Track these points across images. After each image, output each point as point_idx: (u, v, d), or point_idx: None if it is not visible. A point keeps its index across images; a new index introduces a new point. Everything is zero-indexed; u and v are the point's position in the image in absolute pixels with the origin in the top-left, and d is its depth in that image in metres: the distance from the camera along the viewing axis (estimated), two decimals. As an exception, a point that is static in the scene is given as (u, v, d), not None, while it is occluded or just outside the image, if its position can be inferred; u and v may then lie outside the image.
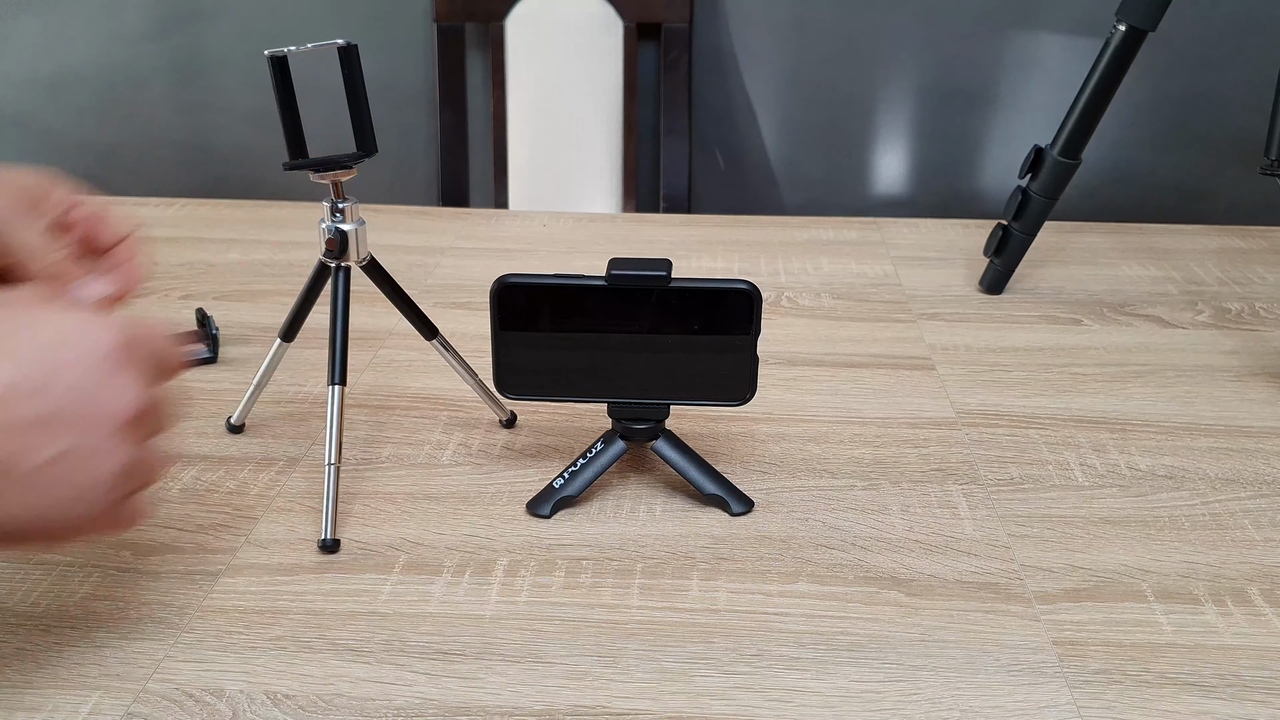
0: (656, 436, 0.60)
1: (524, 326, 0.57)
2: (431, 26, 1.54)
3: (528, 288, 0.56)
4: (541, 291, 0.56)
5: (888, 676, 0.49)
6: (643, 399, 0.59)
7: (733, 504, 0.60)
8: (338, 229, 0.58)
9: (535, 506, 0.60)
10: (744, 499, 0.61)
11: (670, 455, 0.60)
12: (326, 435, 0.58)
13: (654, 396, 0.59)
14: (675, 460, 0.60)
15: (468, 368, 0.66)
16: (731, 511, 0.60)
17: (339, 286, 0.59)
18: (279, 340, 0.64)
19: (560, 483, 0.60)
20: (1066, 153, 0.87)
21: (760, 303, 0.56)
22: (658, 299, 0.56)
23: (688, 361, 0.57)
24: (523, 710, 0.47)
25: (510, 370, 0.59)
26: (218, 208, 1.11)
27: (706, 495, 0.60)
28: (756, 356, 0.57)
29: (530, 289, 0.56)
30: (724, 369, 0.58)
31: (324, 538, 0.57)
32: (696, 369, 0.58)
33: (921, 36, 1.63)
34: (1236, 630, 0.52)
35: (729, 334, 0.57)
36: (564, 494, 0.60)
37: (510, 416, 0.69)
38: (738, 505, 0.60)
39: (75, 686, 0.48)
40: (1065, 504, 0.61)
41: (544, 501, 0.60)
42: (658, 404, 0.59)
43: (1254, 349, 0.81)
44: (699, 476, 0.60)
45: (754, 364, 0.57)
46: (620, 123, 1.56)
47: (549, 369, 0.58)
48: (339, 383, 0.58)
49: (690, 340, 0.57)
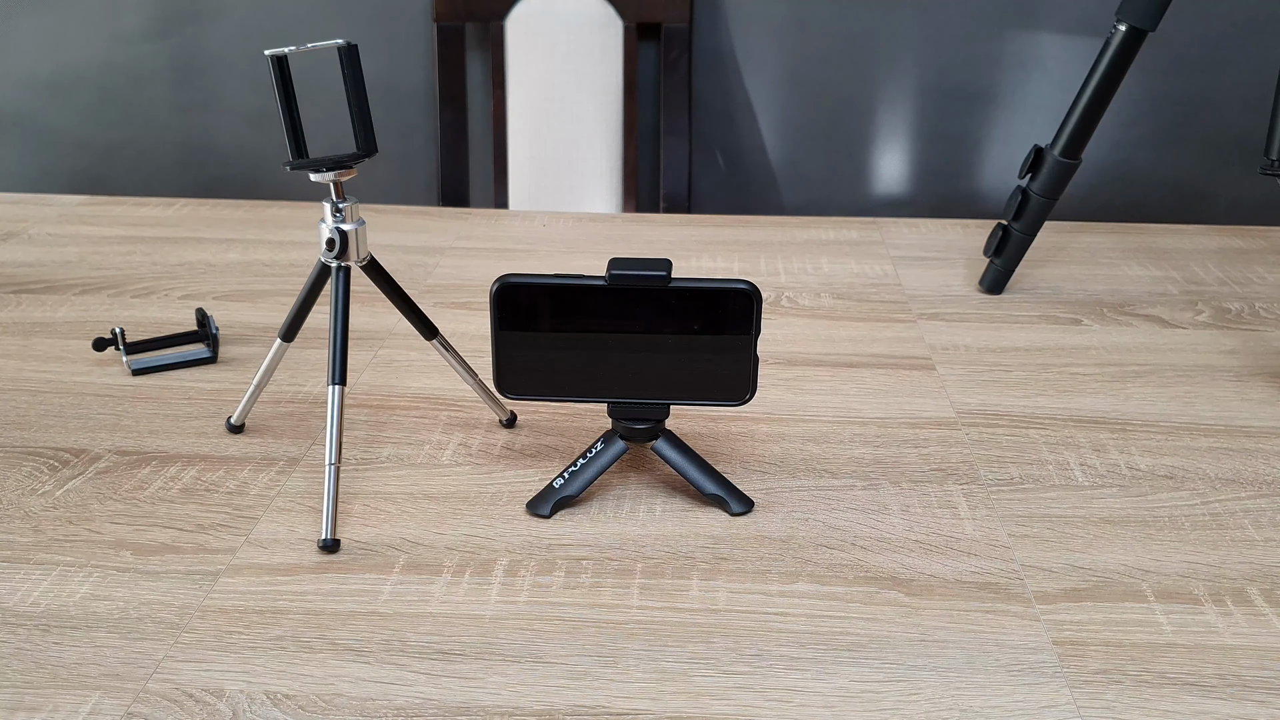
0: (656, 436, 0.60)
1: (524, 326, 0.57)
2: (431, 26, 1.54)
3: (528, 288, 0.56)
4: (541, 291, 0.56)
5: (888, 676, 0.49)
6: (642, 399, 0.59)
7: (732, 504, 0.60)
8: (338, 229, 0.58)
9: (535, 506, 0.60)
10: (744, 499, 0.61)
11: (670, 455, 0.60)
12: (327, 435, 0.58)
13: (654, 396, 0.58)
14: (675, 460, 0.60)
15: (468, 368, 0.66)
16: (731, 511, 0.60)
17: (339, 286, 0.59)
18: (279, 340, 0.64)
19: (560, 482, 0.60)
20: (1066, 153, 0.87)
21: (760, 303, 0.56)
22: (657, 299, 0.56)
23: (688, 361, 0.57)
24: (523, 710, 0.47)
25: (510, 370, 0.59)
26: (218, 208, 1.11)
27: (706, 495, 0.60)
28: (757, 357, 0.57)
29: (530, 289, 0.56)
30: (724, 369, 0.58)
31: (324, 538, 0.57)
32: (696, 369, 0.57)
33: (921, 36, 1.64)
34: (1236, 630, 0.52)
35: (729, 334, 0.57)
36: (564, 494, 0.60)
37: (510, 416, 0.69)
38: (737, 505, 0.60)
39: (75, 686, 0.48)
40: (1065, 504, 0.61)
41: (544, 501, 0.60)
42: (657, 404, 0.59)
43: (1254, 349, 0.81)
44: (699, 476, 0.60)
45: (754, 364, 0.57)
46: (620, 123, 1.56)
47: (549, 369, 0.58)
48: (339, 383, 0.58)
49: (690, 340, 0.57)
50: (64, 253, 0.99)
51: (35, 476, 0.63)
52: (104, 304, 0.88)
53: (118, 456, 0.65)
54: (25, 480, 0.63)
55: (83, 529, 0.58)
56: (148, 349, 0.77)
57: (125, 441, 0.67)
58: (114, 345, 0.75)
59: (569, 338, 0.57)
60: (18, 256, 0.98)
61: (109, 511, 0.60)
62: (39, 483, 0.63)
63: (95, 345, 0.75)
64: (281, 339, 0.63)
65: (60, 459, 0.65)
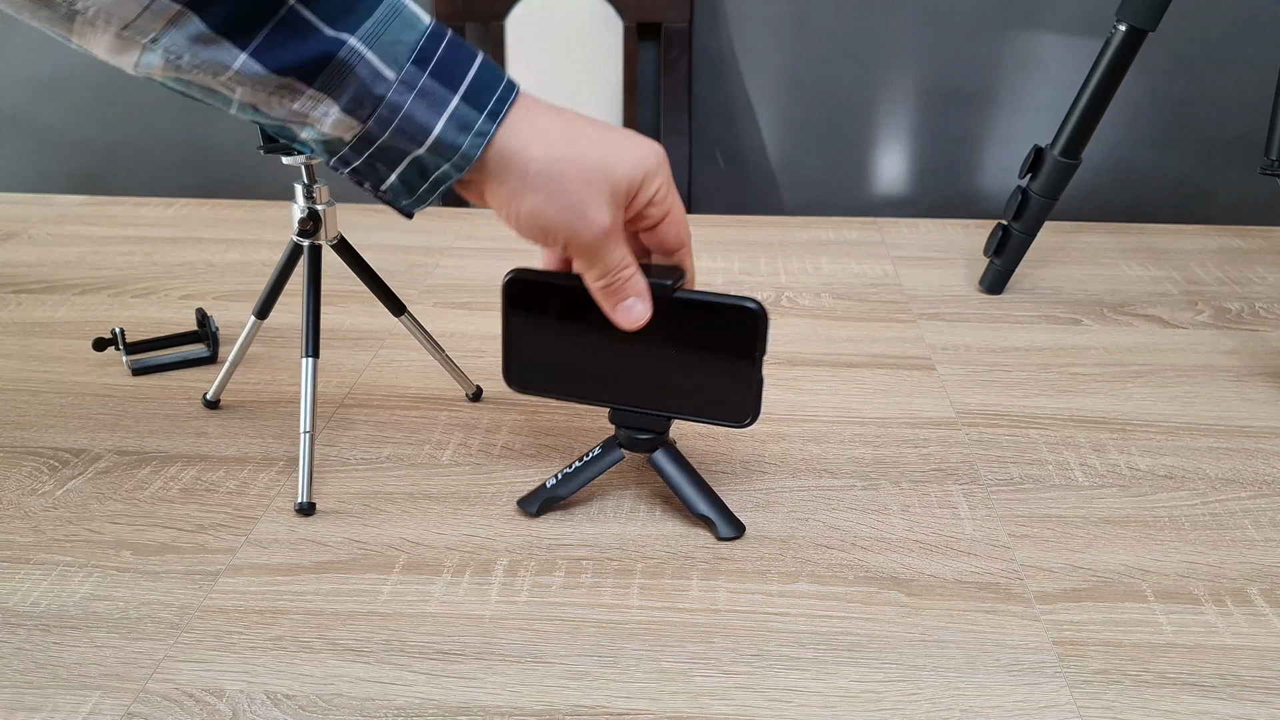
0: (657, 448, 0.59)
1: (534, 321, 0.57)
2: (431, 26, 1.54)
3: (537, 285, 0.56)
4: (550, 289, 0.56)
5: (888, 676, 0.49)
6: (645, 409, 0.58)
7: (721, 527, 0.58)
8: (310, 209, 0.61)
9: (525, 504, 0.60)
10: (735, 523, 0.58)
11: (666, 469, 0.59)
12: (301, 405, 0.60)
13: (655, 408, 0.57)
14: (671, 475, 0.59)
15: (434, 343, 0.69)
16: (719, 535, 0.58)
17: (311, 264, 0.62)
18: (253, 318, 0.67)
19: (553, 482, 0.60)
20: (1066, 153, 0.87)
21: (766, 323, 0.53)
22: (662, 307, 0.54)
23: (689, 376, 0.56)
24: (523, 710, 0.47)
25: (520, 363, 0.58)
26: (218, 208, 1.11)
27: (696, 515, 0.58)
28: (762, 379, 0.55)
29: (539, 286, 0.56)
30: (726, 388, 0.56)
31: (300, 501, 0.59)
32: (698, 384, 0.56)
33: (921, 36, 1.64)
34: (1236, 630, 0.52)
35: (732, 353, 0.54)
36: (554, 494, 0.59)
37: (476, 390, 0.71)
38: (726, 529, 0.58)
39: (75, 686, 0.48)
40: (1065, 504, 0.61)
41: (533, 499, 0.60)
42: (658, 416, 0.58)
43: (1254, 349, 0.81)
44: (691, 495, 0.58)
45: (758, 386, 0.55)
46: (620, 123, 1.56)
47: (557, 367, 0.58)
48: (312, 355, 0.61)
49: (694, 355, 0.55)
50: (64, 253, 0.99)
51: (35, 476, 0.63)
52: (104, 304, 0.88)
53: (118, 456, 0.65)
54: (25, 480, 0.63)
55: (83, 529, 0.58)
56: (148, 349, 0.77)
57: (125, 441, 0.67)
58: (114, 345, 0.75)
59: (574, 338, 0.57)
60: (18, 256, 0.98)
61: (109, 511, 0.60)
62: (39, 483, 0.63)
63: (95, 345, 0.75)
64: (255, 316, 0.67)
65: (60, 459, 0.65)
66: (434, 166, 0.48)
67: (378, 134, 0.46)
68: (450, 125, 0.47)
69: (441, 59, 0.47)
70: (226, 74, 0.44)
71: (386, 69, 0.45)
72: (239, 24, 0.43)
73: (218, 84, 0.45)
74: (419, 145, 0.47)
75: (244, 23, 0.44)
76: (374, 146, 0.47)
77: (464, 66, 0.47)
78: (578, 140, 0.49)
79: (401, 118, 0.46)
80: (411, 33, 0.46)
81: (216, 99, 0.46)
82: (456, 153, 0.47)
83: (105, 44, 0.44)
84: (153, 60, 0.44)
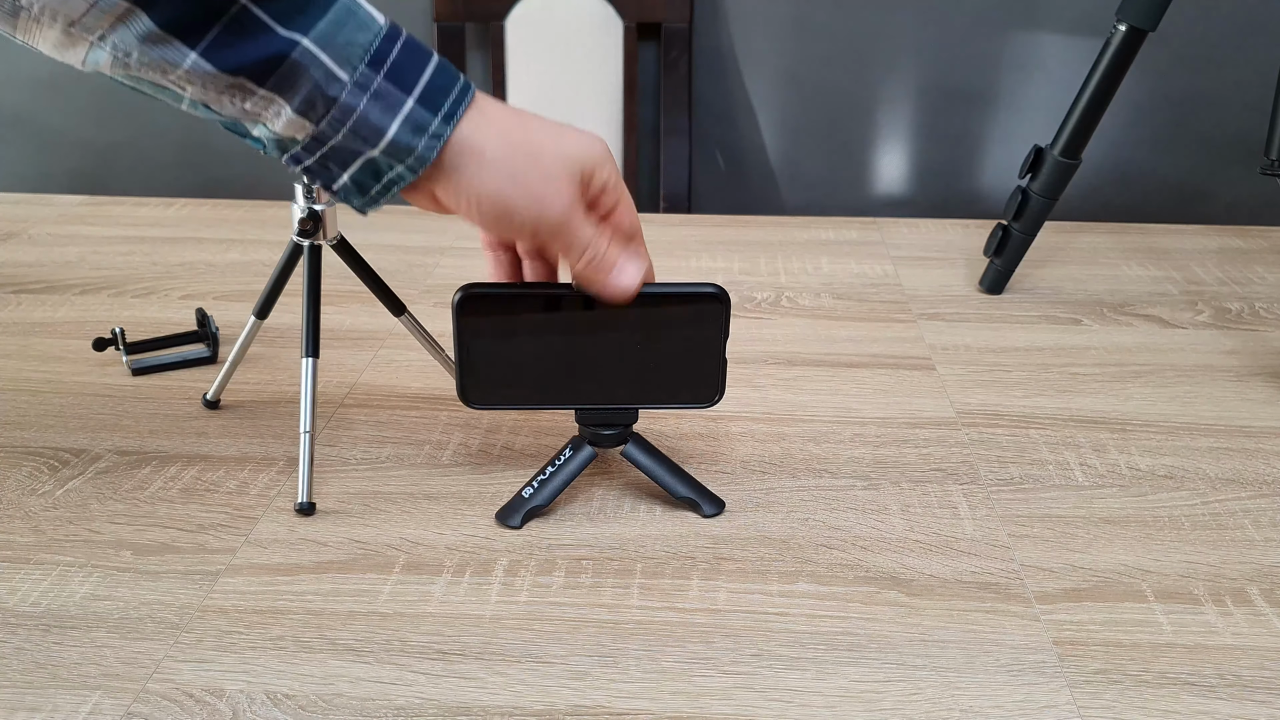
0: (625, 441, 0.59)
1: (488, 336, 0.56)
2: (431, 26, 1.54)
3: (491, 298, 0.55)
4: (505, 300, 0.55)
5: (888, 676, 0.49)
6: (611, 405, 0.58)
7: (704, 506, 0.59)
8: (310, 209, 0.61)
9: (505, 517, 0.59)
10: (714, 500, 0.60)
11: (641, 460, 0.59)
12: (301, 405, 0.60)
13: (621, 402, 0.57)
14: (646, 465, 0.59)
15: (434, 343, 0.68)
16: (703, 513, 0.59)
17: (311, 264, 0.62)
18: (253, 318, 0.67)
19: (529, 491, 0.59)
20: (1067, 153, 0.87)
21: (729, 306, 0.55)
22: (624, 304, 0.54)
23: (655, 366, 0.56)
24: (523, 710, 0.47)
25: (474, 381, 0.57)
26: (218, 208, 1.11)
27: (678, 498, 0.59)
28: (725, 359, 0.56)
29: (494, 298, 0.55)
30: (691, 371, 0.57)
31: (300, 501, 0.59)
32: (664, 372, 0.56)
33: (921, 36, 1.64)
34: (1236, 630, 0.52)
35: (697, 338, 0.55)
36: (533, 504, 0.59)
37: None
38: (709, 507, 0.59)
39: (75, 686, 0.48)
40: (1065, 504, 0.61)
41: (514, 512, 0.59)
42: (626, 409, 0.58)
43: (1254, 349, 0.81)
44: (670, 480, 0.59)
45: (722, 366, 0.56)
46: (620, 123, 1.56)
47: (515, 378, 0.57)
48: (312, 355, 0.61)
49: (658, 344, 0.56)
50: (64, 253, 0.99)
51: (35, 476, 0.63)
52: (104, 304, 0.88)
53: (118, 456, 0.65)
54: (25, 480, 0.63)
55: (83, 529, 0.58)
56: (148, 349, 0.77)
57: (125, 441, 0.67)
58: (114, 345, 0.75)
59: (534, 346, 0.56)
60: (18, 256, 0.98)
61: (109, 511, 0.60)
62: (39, 483, 0.63)
63: (95, 345, 0.75)
64: (255, 316, 0.67)
65: (60, 459, 0.65)
66: (387, 168, 0.47)
67: (330, 135, 0.46)
68: (405, 128, 0.46)
69: (396, 61, 0.46)
70: (176, 72, 0.44)
71: (340, 70, 0.45)
72: (189, 23, 0.43)
73: (167, 81, 0.45)
74: (373, 147, 0.47)
75: (194, 22, 0.43)
76: (326, 147, 0.47)
77: (419, 68, 0.47)
78: (530, 129, 0.49)
79: (355, 120, 0.46)
80: (366, 33, 0.46)
81: (167, 95, 0.46)
82: (411, 155, 0.47)
83: (51, 40, 0.43)
84: (100, 57, 0.44)
